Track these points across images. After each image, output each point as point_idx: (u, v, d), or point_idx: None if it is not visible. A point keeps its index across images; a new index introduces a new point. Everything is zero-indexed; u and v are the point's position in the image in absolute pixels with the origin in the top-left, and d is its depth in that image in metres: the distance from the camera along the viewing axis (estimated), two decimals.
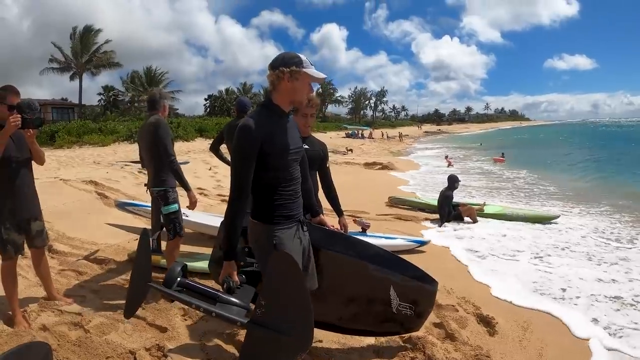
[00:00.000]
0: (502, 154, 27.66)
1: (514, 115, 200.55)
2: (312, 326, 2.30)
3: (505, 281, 5.64)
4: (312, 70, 2.57)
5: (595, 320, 4.53)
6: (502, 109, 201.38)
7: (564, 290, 5.37)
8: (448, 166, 23.02)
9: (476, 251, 7.00)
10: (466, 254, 6.86)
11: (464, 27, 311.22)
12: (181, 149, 22.63)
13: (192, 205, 4.74)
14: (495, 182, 16.77)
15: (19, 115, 3.56)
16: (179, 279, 2.92)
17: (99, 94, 60.68)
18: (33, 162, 4.02)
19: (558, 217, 9.47)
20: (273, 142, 2.53)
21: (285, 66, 2.50)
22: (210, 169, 14.29)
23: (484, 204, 9.72)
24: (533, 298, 5.13)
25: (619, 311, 4.79)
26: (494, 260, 6.59)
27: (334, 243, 3.26)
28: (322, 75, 2.62)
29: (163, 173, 4.57)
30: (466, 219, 9.03)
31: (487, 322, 4.21)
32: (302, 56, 2.57)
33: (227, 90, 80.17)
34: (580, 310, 4.80)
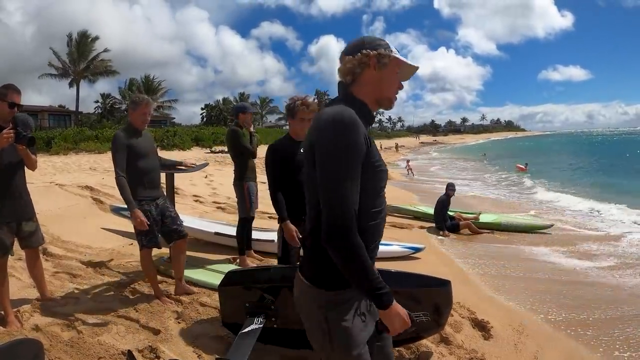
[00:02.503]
0: (526, 164, 28.29)
1: (509, 126, 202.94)
2: None
3: (501, 287, 5.68)
4: (402, 58, 1.83)
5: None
6: (498, 119, 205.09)
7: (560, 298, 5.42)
8: (408, 172, 23.24)
9: (472, 257, 7.04)
10: (461, 259, 6.88)
11: (460, 40, 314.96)
12: (177, 158, 22.49)
13: (136, 224, 4.21)
14: None
15: (12, 130, 3.59)
16: None
17: (96, 101, 60.89)
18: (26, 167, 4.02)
19: (552, 225, 9.59)
20: (372, 151, 1.70)
21: (371, 48, 1.78)
22: (206, 177, 14.28)
23: (480, 213, 9.74)
24: (528, 301, 5.18)
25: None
26: (490, 265, 6.63)
27: None
28: (415, 65, 1.88)
29: (129, 185, 4.26)
30: (464, 230, 9.11)
31: (482, 326, 4.22)
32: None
33: (224, 100, 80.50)
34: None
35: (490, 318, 4.37)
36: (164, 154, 5.54)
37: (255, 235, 6.18)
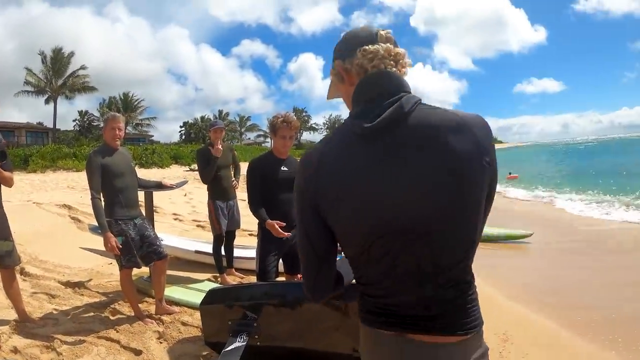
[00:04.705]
0: (510, 172, 28.91)
1: None
2: None
3: (483, 293, 5.74)
4: None
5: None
6: None
7: (545, 299, 5.53)
8: None
9: None
10: None
11: (436, 56, 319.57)
12: (156, 176, 22.44)
13: (107, 249, 4.19)
14: None
15: None
16: None
17: (75, 119, 60.46)
18: (2, 185, 3.99)
19: (531, 234, 9.71)
20: None
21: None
22: (185, 195, 14.19)
23: None
24: (513, 308, 5.26)
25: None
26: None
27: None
28: None
29: (106, 204, 4.28)
30: None
31: None
32: None
33: (202, 117, 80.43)
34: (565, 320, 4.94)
35: None
36: (142, 172, 5.54)
37: (236, 253, 6.19)
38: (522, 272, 7.31)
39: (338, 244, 1.42)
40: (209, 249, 6.18)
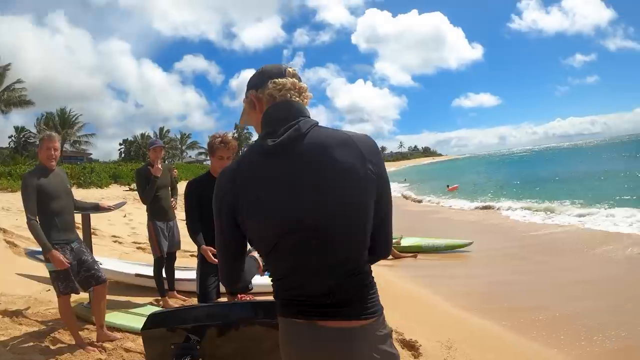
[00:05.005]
0: (448, 185, 30.86)
1: (427, 152, 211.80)
2: None
3: (426, 305, 5.97)
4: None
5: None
6: (415, 146, 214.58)
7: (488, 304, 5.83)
8: None
9: (398, 279, 7.35)
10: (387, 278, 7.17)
11: (377, 72, 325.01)
12: (94, 196, 21.89)
13: (56, 265, 4.16)
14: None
15: None
16: None
17: (10, 136, 58.26)
18: None
19: (471, 243, 10.12)
20: None
21: None
22: (124, 216, 13.99)
23: (401, 238, 10.14)
24: (457, 315, 5.50)
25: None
26: (417, 285, 6.95)
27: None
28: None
29: (41, 228, 4.19)
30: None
31: (410, 346, 4.44)
32: None
33: (142, 135, 78.95)
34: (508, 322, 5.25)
35: (418, 337, 4.61)
36: (81, 192, 5.53)
37: (177, 274, 6.22)
38: (464, 280, 7.68)
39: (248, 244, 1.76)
40: (149, 271, 6.17)
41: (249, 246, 1.79)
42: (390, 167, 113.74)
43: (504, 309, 5.85)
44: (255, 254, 2.04)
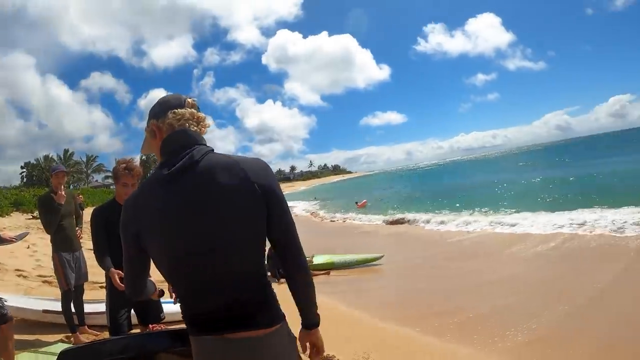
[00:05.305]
0: (357, 202, 31.58)
1: (336, 170, 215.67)
2: None
3: (343, 320, 6.01)
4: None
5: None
6: (325, 165, 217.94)
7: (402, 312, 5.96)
8: None
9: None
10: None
11: (287, 93, 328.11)
12: None
13: None
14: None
15: None
16: None
17: None
18: None
19: (382, 256, 10.36)
20: None
21: None
22: (28, 247, 13.21)
23: (313, 256, 10.19)
24: (374, 326, 5.57)
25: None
26: (327, 296, 6.98)
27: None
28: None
29: None
30: None
31: None
32: None
33: (46, 157, 75.29)
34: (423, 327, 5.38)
35: (336, 351, 4.62)
36: None
37: (87, 308, 5.99)
38: (378, 291, 7.88)
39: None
40: (58, 306, 5.91)
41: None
42: (300, 186, 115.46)
43: (417, 315, 6.06)
44: (152, 279, 2.26)
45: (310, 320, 1.96)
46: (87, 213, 5.74)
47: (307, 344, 2.00)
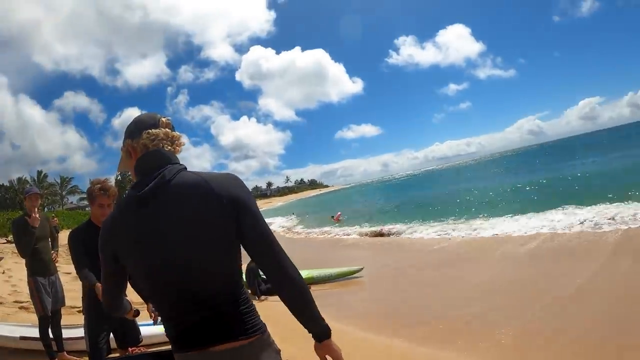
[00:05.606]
0: (332, 216, 31.23)
1: (313, 184, 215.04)
2: None
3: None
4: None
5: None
6: (302, 179, 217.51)
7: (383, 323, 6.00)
8: None
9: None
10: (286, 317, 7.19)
11: (261, 109, 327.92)
12: None
13: None
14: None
15: None
16: None
17: None
18: None
19: (362, 268, 10.39)
20: None
21: None
22: (3, 272, 12.94)
23: None
24: (355, 337, 5.58)
25: None
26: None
27: None
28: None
29: None
30: None
31: None
32: None
33: (19, 179, 74.10)
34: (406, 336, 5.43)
35: None
36: None
37: (65, 333, 5.89)
38: (359, 303, 7.92)
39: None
40: (35, 333, 5.79)
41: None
42: (277, 202, 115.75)
43: (400, 324, 6.10)
44: (128, 298, 2.31)
45: (317, 330, 1.94)
46: (62, 236, 5.66)
47: (327, 357, 1.98)
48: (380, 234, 18.82)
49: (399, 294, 8.14)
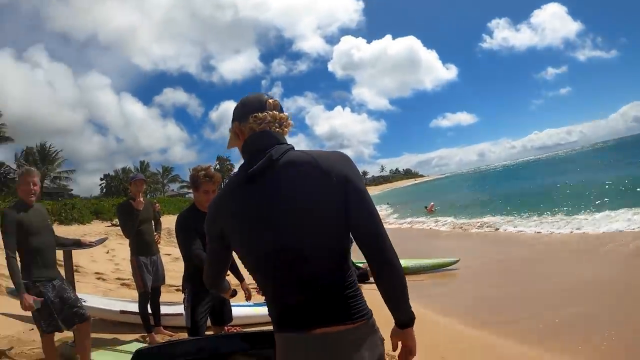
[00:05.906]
0: (425, 206, 30.31)
1: (408, 174, 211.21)
2: None
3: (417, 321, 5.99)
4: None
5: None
6: (397, 169, 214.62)
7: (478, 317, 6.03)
8: None
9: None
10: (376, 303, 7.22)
11: (355, 98, 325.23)
12: (76, 233, 21.55)
13: (23, 308, 4.01)
14: None
15: None
16: None
17: None
18: None
19: (458, 260, 10.15)
20: None
21: None
22: (107, 252, 13.82)
23: None
24: (450, 330, 5.56)
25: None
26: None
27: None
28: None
29: (22, 265, 4.11)
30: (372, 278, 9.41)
31: None
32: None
33: (123, 169, 78.29)
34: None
35: None
36: (61, 229, 5.47)
37: (163, 310, 6.17)
38: (453, 296, 7.81)
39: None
40: (134, 308, 6.09)
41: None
42: (373, 192, 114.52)
43: (496, 321, 5.87)
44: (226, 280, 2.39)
45: (404, 317, 1.84)
46: (165, 220, 5.99)
47: (399, 343, 1.89)
48: (477, 226, 18.29)
49: (493, 288, 7.82)
